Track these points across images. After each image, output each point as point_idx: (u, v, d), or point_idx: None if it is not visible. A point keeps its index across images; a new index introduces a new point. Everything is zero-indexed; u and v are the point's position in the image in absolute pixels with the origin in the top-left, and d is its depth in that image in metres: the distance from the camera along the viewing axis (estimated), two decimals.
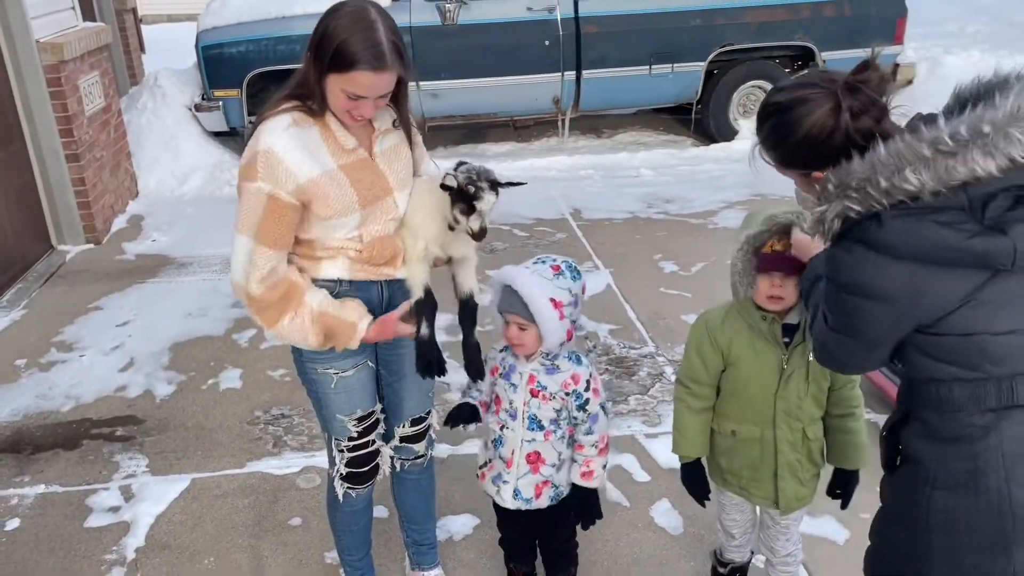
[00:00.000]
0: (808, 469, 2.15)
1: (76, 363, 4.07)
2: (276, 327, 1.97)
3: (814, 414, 2.10)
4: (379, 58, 1.78)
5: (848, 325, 1.53)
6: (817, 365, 1.99)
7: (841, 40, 7.37)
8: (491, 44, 6.82)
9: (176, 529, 2.92)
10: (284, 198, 1.87)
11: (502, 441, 2.20)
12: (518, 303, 2.03)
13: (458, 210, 1.92)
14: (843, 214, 1.47)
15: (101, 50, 6.01)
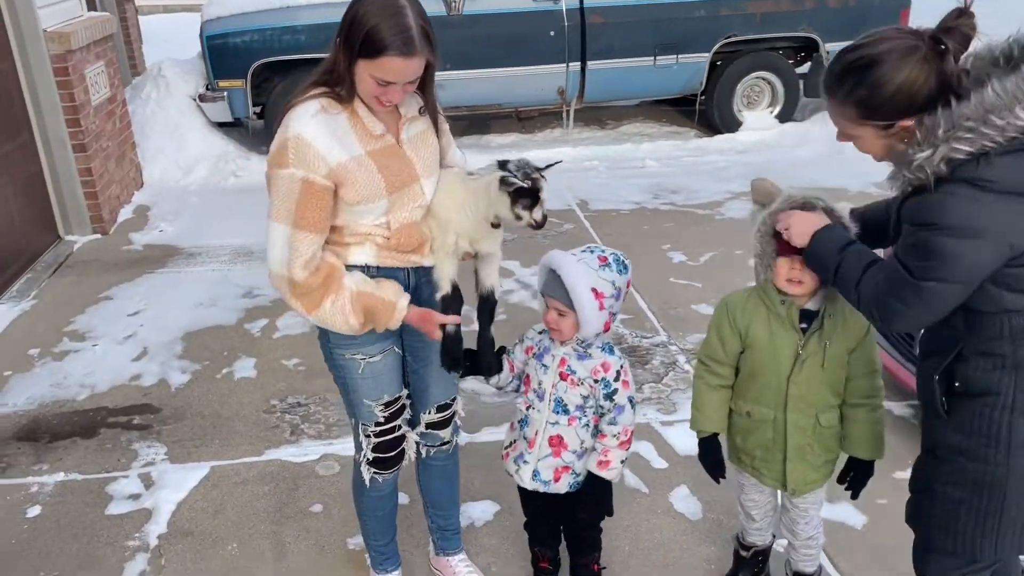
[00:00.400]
0: (820, 455, 2.17)
1: (89, 352, 4.08)
2: (318, 311, 1.98)
3: (829, 401, 2.12)
4: (408, 44, 1.80)
5: (940, 269, 1.58)
6: (834, 353, 2.05)
7: (845, 31, 7.35)
8: (496, 34, 6.82)
9: (198, 516, 2.94)
10: (319, 182, 1.89)
11: (527, 421, 2.23)
12: (559, 289, 2.05)
13: (521, 206, 1.94)
14: (949, 156, 1.53)
15: (106, 40, 5.99)
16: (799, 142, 7.28)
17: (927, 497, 1.83)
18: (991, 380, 1.66)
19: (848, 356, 2.08)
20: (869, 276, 1.73)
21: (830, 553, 2.66)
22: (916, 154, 1.57)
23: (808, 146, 7.17)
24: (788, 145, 7.25)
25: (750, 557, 2.48)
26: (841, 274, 1.79)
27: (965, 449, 1.72)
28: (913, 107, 1.60)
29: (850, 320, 2.06)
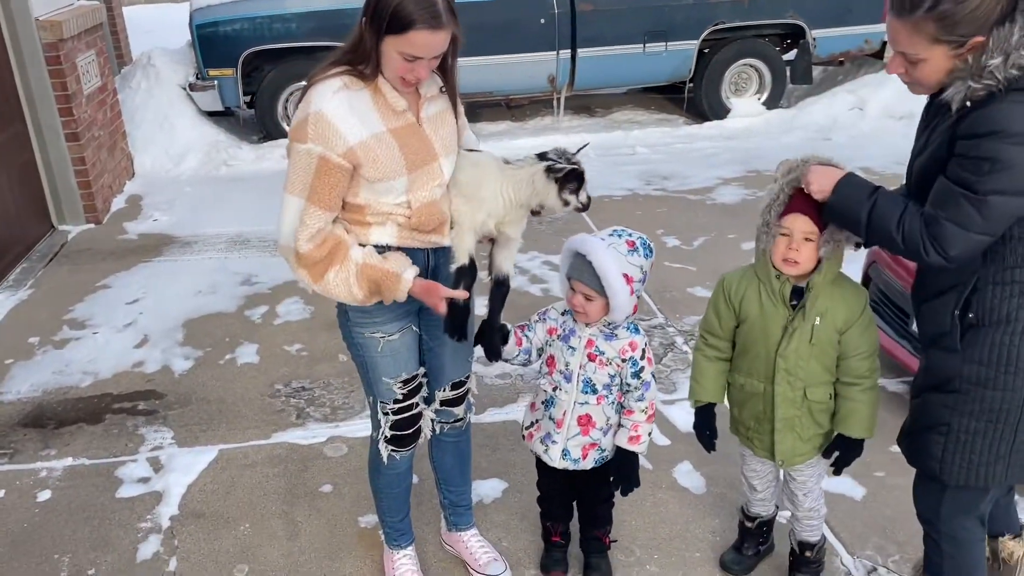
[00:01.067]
0: (809, 428, 2.22)
1: (90, 340, 4.09)
2: (322, 282, 2.01)
3: (819, 376, 2.17)
4: (436, 17, 1.84)
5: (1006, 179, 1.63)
6: (823, 330, 2.10)
7: (830, 17, 7.48)
8: (486, 22, 6.83)
9: (208, 498, 2.97)
10: (335, 159, 1.92)
11: (553, 402, 2.27)
12: (588, 274, 2.09)
13: (568, 190, 2.02)
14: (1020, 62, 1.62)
15: (96, 28, 5.97)
16: (787, 128, 7.36)
17: (941, 433, 1.89)
18: (1008, 308, 1.74)
19: (840, 336, 2.12)
20: (912, 210, 1.76)
21: (831, 524, 2.73)
22: (988, 61, 1.62)
23: (795, 132, 7.26)
24: (776, 131, 7.34)
25: (755, 528, 2.55)
26: (877, 215, 1.81)
27: (983, 379, 1.79)
28: (989, 22, 1.64)
29: (841, 300, 2.10)
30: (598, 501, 2.44)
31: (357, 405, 3.47)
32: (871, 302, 3.52)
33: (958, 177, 1.69)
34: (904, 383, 3.49)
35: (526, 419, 2.41)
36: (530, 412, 2.39)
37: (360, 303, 2.06)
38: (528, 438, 2.38)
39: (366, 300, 2.05)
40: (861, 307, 2.12)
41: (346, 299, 2.05)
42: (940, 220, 1.71)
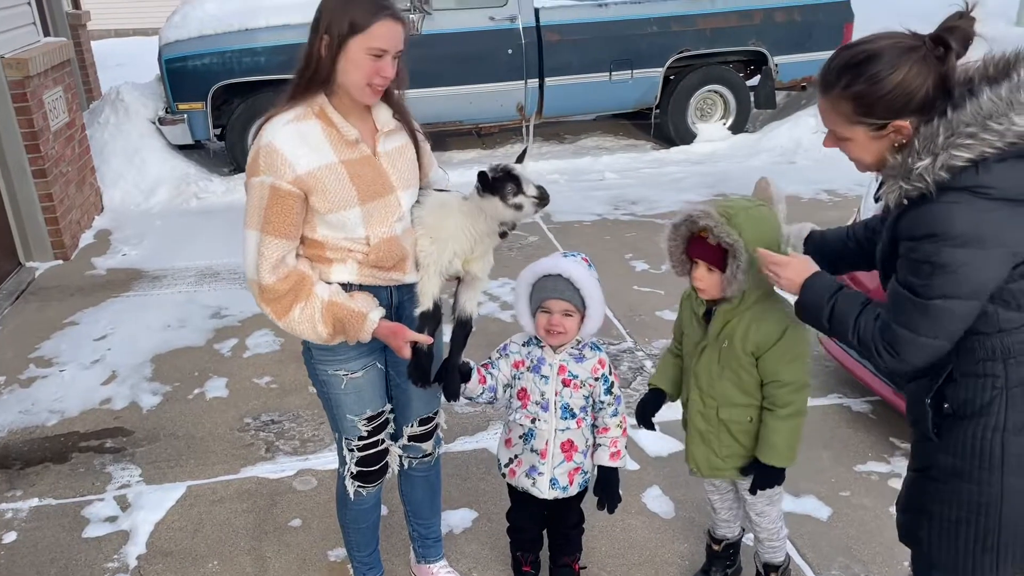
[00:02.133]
0: (728, 446, 2.24)
1: (57, 378, 4.05)
2: (287, 318, 2.02)
3: (733, 399, 2.18)
4: (392, 7, 1.92)
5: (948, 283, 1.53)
6: (732, 353, 2.11)
7: (792, 45, 7.65)
8: (455, 53, 6.93)
9: (176, 535, 2.94)
10: (284, 187, 1.94)
11: (533, 434, 2.29)
12: (568, 290, 2.14)
13: (511, 193, 1.97)
14: (950, 163, 1.51)
15: (63, 65, 5.97)
16: (752, 152, 7.49)
17: (924, 517, 1.80)
18: (982, 401, 1.63)
19: (756, 361, 2.12)
20: (867, 312, 1.69)
21: (797, 544, 2.76)
22: (916, 163, 1.53)
23: (760, 155, 7.39)
24: (741, 155, 7.46)
25: (721, 550, 2.57)
26: (836, 318, 1.75)
27: (959, 470, 1.69)
28: (909, 107, 1.57)
29: (755, 327, 2.10)
30: (569, 526, 2.46)
31: (327, 437, 3.46)
32: None
33: (905, 280, 1.61)
34: (868, 403, 3.55)
35: (503, 457, 2.40)
36: (506, 449, 2.39)
37: (324, 341, 2.07)
38: (511, 475, 2.38)
39: (330, 339, 2.06)
40: (777, 336, 2.09)
41: (310, 337, 2.06)
42: (891, 325, 1.63)
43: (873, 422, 3.44)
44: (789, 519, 2.87)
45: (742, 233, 1.99)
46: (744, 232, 1.99)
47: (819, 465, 3.17)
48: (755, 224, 2.01)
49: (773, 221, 2.07)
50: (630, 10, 7.36)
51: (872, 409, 3.52)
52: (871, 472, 3.13)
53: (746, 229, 1.99)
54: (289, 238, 1.99)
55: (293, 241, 2.01)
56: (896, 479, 3.08)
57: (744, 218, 2.00)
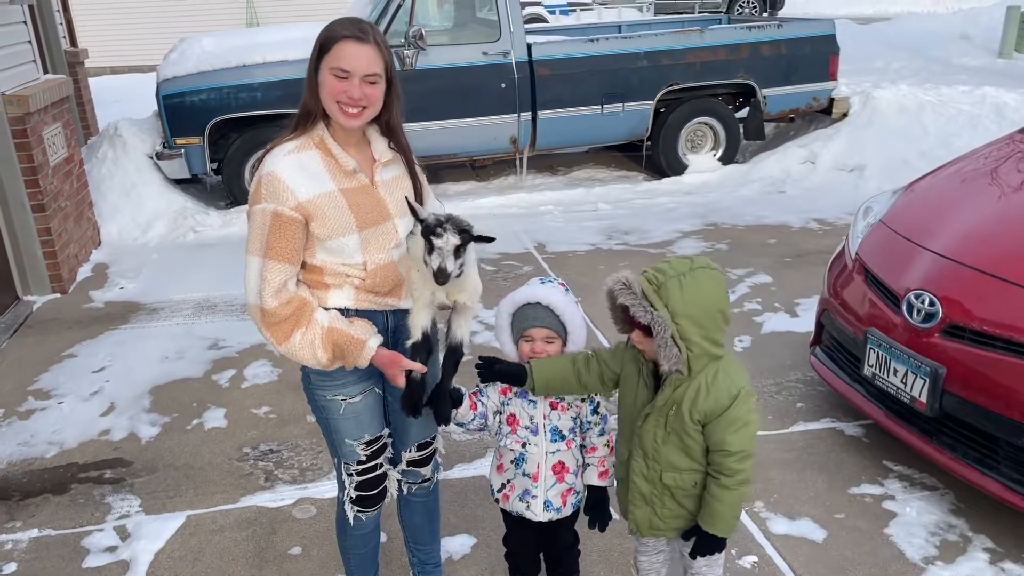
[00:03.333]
0: (671, 508, 2.18)
1: (56, 410, 4.07)
2: (288, 343, 2.06)
3: (678, 464, 2.11)
4: (362, 31, 2.00)
5: None
6: (679, 420, 2.05)
7: (779, 77, 7.80)
8: (449, 87, 7.04)
9: (177, 564, 2.95)
10: (287, 213, 2.00)
11: (524, 459, 2.32)
12: (548, 317, 2.20)
13: (425, 251, 2.00)
14: None
15: (63, 101, 6.05)
16: (742, 182, 7.60)
17: None
18: None
19: (702, 428, 2.06)
20: None
21: (793, 567, 2.79)
22: None
23: (751, 185, 7.50)
24: (732, 185, 7.57)
25: None
26: None
27: None
28: None
29: (702, 396, 2.03)
30: (564, 548, 2.48)
31: (325, 466, 3.48)
32: (824, 348, 3.67)
33: None
34: (861, 426, 3.60)
35: (495, 483, 2.43)
36: (498, 475, 2.41)
37: (323, 367, 2.11)
38: (504, 500, 2.40)
39: (329, 364, 2.10)
40: (725, 405, 2.02)
41: (310, 362, 2.10)
42: None
43: (866, 445, 3.48)
44: (785, 542, 2.91)
45: (669, 303, 1.94)
46: (671, 302, 1.94)
47: (814, 488, 3.20)
48: (686, 292, 1.95)
49: (712, 286, 2.00)
50: (621, 44, 7.51)
51: (865, 433, 3.56)
52: (865, 494, 3.16)
53: (674, 298, 1.94)
54: (291, 263, 2.04)
55: (295, 266, 2.06)
56: (890, 501, 3.12)
57: (673, 286, 1.95)
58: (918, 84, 8.84)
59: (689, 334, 1.96)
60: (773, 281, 5.29)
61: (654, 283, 1.97)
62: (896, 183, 4.72)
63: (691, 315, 1.96)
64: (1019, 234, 3.11)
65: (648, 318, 1.95)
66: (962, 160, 3.89)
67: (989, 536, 2.91)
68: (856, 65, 10.75)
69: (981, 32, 13.24)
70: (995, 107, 7.75)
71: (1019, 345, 2.74)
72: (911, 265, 3.18)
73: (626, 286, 2.00)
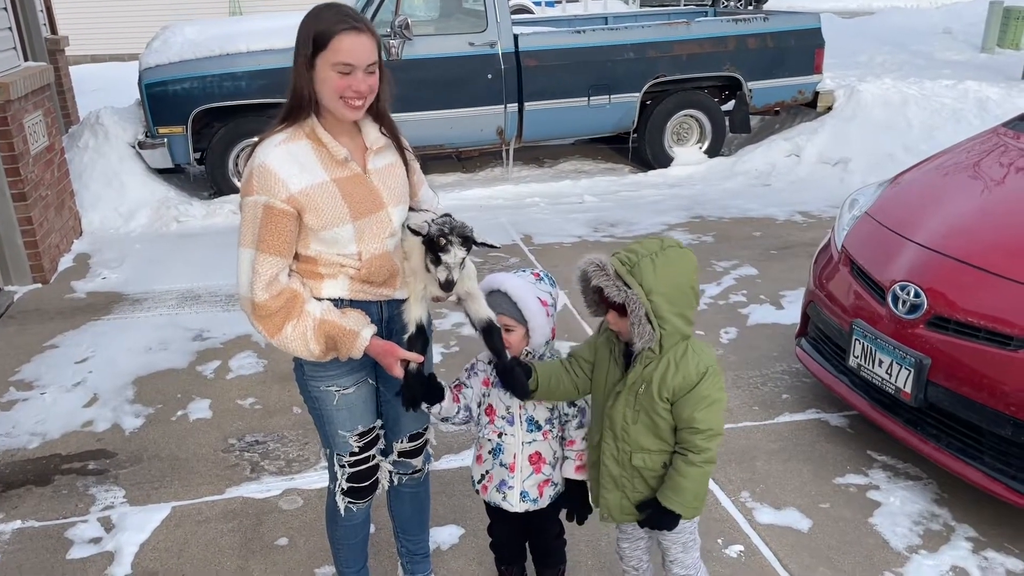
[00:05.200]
0: (641, 491, 2.19)
1: (38, 401, 4.03)
2: (280, 335, 2.05)
3: (646, 444, 2.13)
4: (357, 19, 1.97)
5: None
6: (647, 398, 2.08)
7: (765, 70, 7.82)
8: (435, 78, 7.01)
9: (162, 556, 2.93)
10: (278, 206, 1.98)
11: (501, 449, 2.32)
12: (506, 304, 2.20)
13: (428, 259, 2.04)
14: None
15: (44, 89, 5.97)
16: (728, 175, 7.62)
17: None
18: None
19: (670, 407, 2.08)
20: None
21: (779, 556, 2.81)
22: None
23: (736, 178, 7.53)
24: (717, 178, 7.59)
25: None
26: None
27: None
28: None
29: (671, 373, 2.06)
30: (550, 538, 2.49)
31: (312, 457, 3.47)
32: (810, 340, 3.69)
33: None
34: (845, 417, 3.62)
35: (475, 473, 2.43)
36: (477, 465, 2.42)
37: (316, 358, 2.09)
38: (483, 491, 2.40)
39: (322, 356, 2.08)
40: (694, 381, 2.05)
41: (303, 354, 2.08)
42: None
43: (851, 436, 3.51)
44: (771, 531, 2.93)
45: (643, 282, 1.97)
46: (645, 280, 1.97)
47: (799, 478, 3.22)
48: (659, 270, 1.98)
49: (683, 264, 2.03)
50: (607, 36, 7.51)
51: (849, 423, 3.59)
52: (850, 484, 3.19)
53: (647, 277, 1.97)
54: (283, 256, 2.02)
55: (287, 259, 2.04)
56: (874, 491, 3.14)
57: (646, 265, 1.97)
58: (902, 78, 8.90)
59: (662, 311, 2.01)
60: (758, 273, 5.32)
61: (627, 263, 2.00)
62: (880, 176, 4.75)
63: (664, 293, 2.00)
64: (1003, 226, 3.14)
65: (622, 296, 1.98)
66: (947, 153, 3.91)
67: (972, 525, 2.95)
68: (840, 59, 10.81)
69: (964, 27, 13.34)
70: (978, 101, 7.82)
71: (1003, 336, 2.76)
72: (897, 257, 3.21)
73: (599, 267, 2.02)
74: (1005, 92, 8.01)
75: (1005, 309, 2.78)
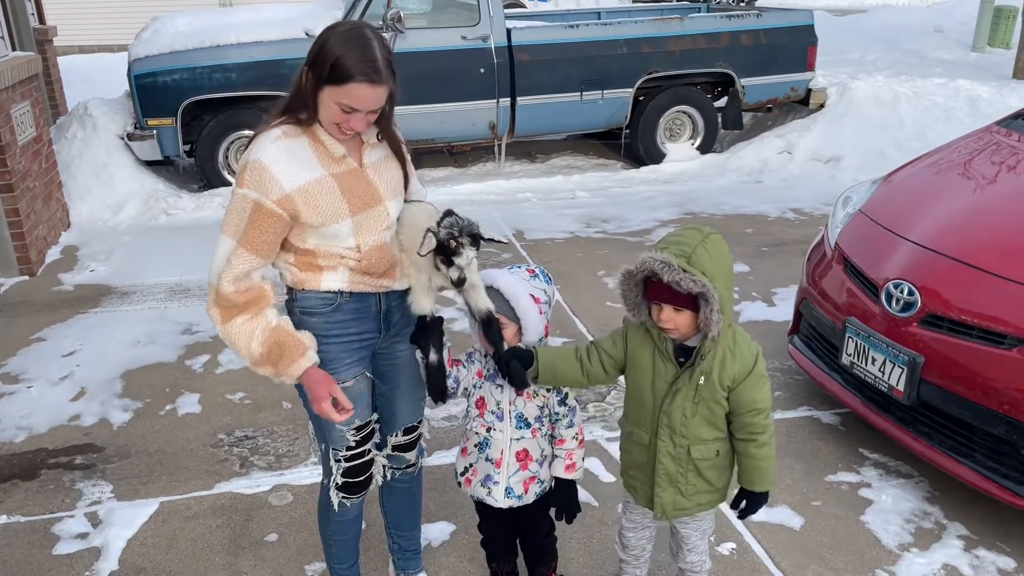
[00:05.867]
0: (694, 484, 2.21)
1: (24, 394, 3.98)
2: (228, 325, 2.02)
3: (703, 435, 2.15)
4: (376, 72, 1.90)
5: None
6: (708, 390, 2.08)
7: (758, 67, 7.82)
8: (428, 72, 6.97)
9: (150, 551, 2.90)
10: (268, 206, 1.95)
11: (488, 443, 2.31)
12: (499, 300, 2.18)
13: (439, 260, 2.05)
14: None
15: (31, 79, 5.90)
16: (720, 171, 7.62)
17: None
18: None
19: (728, 394, 2.10)
20: None
21: (771, 553, 2.81)
22: None
23: (728, 175, 7.52)
24: (709, 175, 7.59)
25: None
26: None
27: None
28: None
29: (730, 358, 2.07)
30: (540, 535, 2.47)
31: (302, 452, 3.44)
32: (803, 337, 3.69)
33: None
34: (837, 415, 3.62)
35: (459, 466, 2.41)
36: (462, 457, 2.40)
37: (251, 361, 2.05)
38: (466, 484, 2.38)
39: (259, 361, 2.04)
40: (751, 364, 2.08)
41: (242, 352, 2.04)
42: None
43: (842, 434, 3.51)
44: (763, 529, 2.92)
45: (704, 271, 1.93)
46: (707, 269, 1.94)
47: (791, 476, 3.22)
48: (713, 257, 1.97)
49: (723, 246, 2.03)
50: (600, 31, 7.48)
51: (841, 421, 3.59)
52: (841, 482, 3.19)
53: (707, 265, 1.94)
54: (261, 256, 2.00)
55: (264, 260, 2.01)
56: (866, 488, 3.14)
57: (702, 254, 1.95)
58: (894, 76, 8.91)
59: (723, 299, 1.98)
60: (751, 270, 5.31)
61: (683, 255, 1.94)
62: (872, 174, 4.75)
63: (723, 279, 1.98)
64: (997, 225, 3.14)
65: (699, 287, 1.92)
66: (941, 151, 3.91)
67: (963, 523, 2.95)
68: (832, 56, 10.82)
69: (955, 25, 13.37)
70: (969, 100, 7.84)
71: (996, 334, 2.76)
72: (890, 255, 3.20)
73: (666, 263, 1.93)
74: (996, 91, 8.04)
75: (999, 308, 2.78)
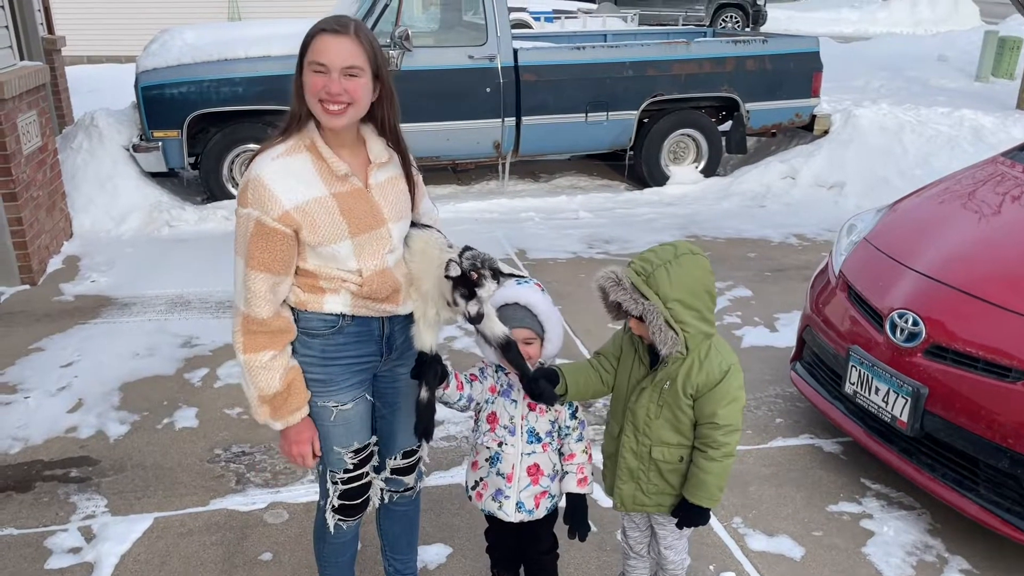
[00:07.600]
0: (656, 484, 2.27)
1: (21, 405, 3.96)
2: (252, 356, 2.00)
3: (667, 439, 2.21)
4: (341, 24, 1.95)
5: None
6: (672, 395, 2.16)
7: (763, 92, 7.84)
8: (434, 90, 6.99)
9: (143, 568, 2.87)
10: (270, 223, 1.94)
11: (500, 458, 2.31)
12: (527, 317, 2.19)
13: (459, 294, 2.03)
14: None
15: (39, 89, 5.92)
16: (723, 195, 7.62)
17: None
18: None
19: (693, 403, 2.16)
20: None
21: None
22: None
23: (731, 199, 7.52)
24: (713, 198, 7.59)
25: None
26: None
27: None
28: None
29: (695, 370, 2.13)
30: (541, 550, 2.47)
31: (299, 470, 3.41)
32: (805, 364, 3.67)
33: None
34: (839, 443, 3.59)
35: (469, 480, 2.42)
36: (472, 472, 2.40)
37: (261, 396, 2.03)
38: (477, 498, 2.39)
39: (271, 400, 2.04)
40: (717, 378, 2.13)
41: (262, 384, 2.01)
42: None
43: (844, 463, 3.48)
44: (763, 558, 2.89)
45: (659, 291, 2.04)
46: (661, 289, 2.04)
47: (792, 506, 3.19)
48: (675, 277, 2.05)
49: (698, 270, 2.09)
50: (607, 53, 7.51)
51: (843, 450, 3.56)
52: (843, 512, 3.16)
53: (663, 285, 2.04)
54: (273, 272, 1.98)
55: (279, 275, 1.99)
56: (868, 520, 3.11)
57: (661, 274, 2.05)
58: (898, 104, 8.93)
59: (682, 316, 2.07)
60: (753, 295, 5.30)
61: (642, 273, 2.07)
62: (875, 201, 4.75)
63: (681, 299, 2.07)
64: (1003, 257, 3.13)
65: (639, 309, 2.06)
66: (947, 181, 3.91)
67: (965, 557, 2.92)
68: (836, 83, 10.85)
69: (958, 55, 13.43)
70: (973, 129, 7.85)
71: (1002, 367, 2.74)
72: (895, 284, 3.19)
73: (616, 281, 2.09)
74: (1000, 121, 8.05)
75: (1004, 340, 2.77)
